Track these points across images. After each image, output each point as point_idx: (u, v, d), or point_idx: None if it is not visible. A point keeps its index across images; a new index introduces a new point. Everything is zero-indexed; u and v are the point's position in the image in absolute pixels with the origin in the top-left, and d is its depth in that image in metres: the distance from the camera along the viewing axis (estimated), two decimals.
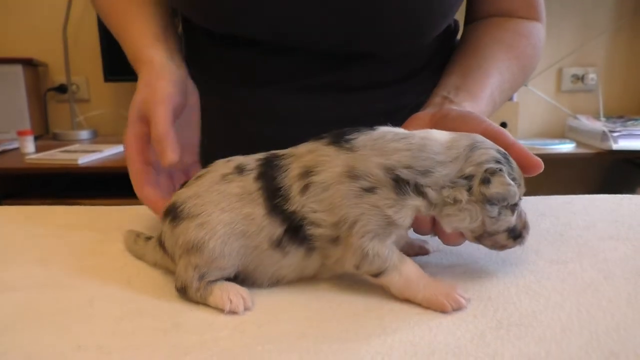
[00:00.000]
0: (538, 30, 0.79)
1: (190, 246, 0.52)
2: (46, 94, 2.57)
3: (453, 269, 0.58)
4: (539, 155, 0.56)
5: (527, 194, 0.93)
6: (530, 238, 0.66)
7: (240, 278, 0.54)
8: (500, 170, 0.50)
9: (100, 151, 2.06)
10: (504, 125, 2.19)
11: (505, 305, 0.49)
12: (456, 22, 0.86)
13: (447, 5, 0.71)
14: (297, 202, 0.50)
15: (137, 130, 0.67)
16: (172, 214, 0.54)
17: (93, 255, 0.65)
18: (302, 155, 0.52)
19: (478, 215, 0.50)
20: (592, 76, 2.53)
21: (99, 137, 2.55)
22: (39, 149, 2.17)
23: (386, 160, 0.50)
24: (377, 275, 0.51)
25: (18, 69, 2.38)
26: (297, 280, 0.56)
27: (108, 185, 1.99)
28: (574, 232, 0.69)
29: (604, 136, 2.19)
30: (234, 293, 0.51)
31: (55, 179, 2.18)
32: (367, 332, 0.45)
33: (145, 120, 0.66)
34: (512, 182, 0.50)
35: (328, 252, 0.52)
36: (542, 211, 0.78)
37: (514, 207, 0.52)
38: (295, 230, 0.51)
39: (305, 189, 0.50)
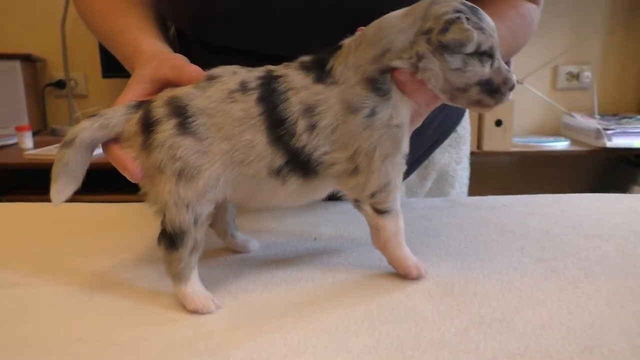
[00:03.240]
0: (531, 8, 0.80)
1: (186, 172, 0.50)
2: (44, 90, 2.58)
3: (439, 265, 0.60)
4: (534, 153, 0.56)
5: (519, 191, 0.95)
6: (517, 236, 0.69)
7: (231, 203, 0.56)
8: (459, 18, 0.49)
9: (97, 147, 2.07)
10: (499, 122, 2.21)
11: (489, 302, 0.51)
12: None
13: None
14: (305, 141, 0.52)
15: (147, 88, 0.59)
16: (182, 116, 0.51)
17: (92, 251, 0.67)
18: (298, 89, 0.52)
19: (438, 71, 0.50)
20: (587, 74, 2.55)
21: None
22: (37, 145, 2.19)
23: (360, 72, 0.52)
24: (382, 211, 0.54)
25: (16, 64, 2.38)
26: (288, 274, 0.58)
27: (105, 181, 2.00)
28: (559, 231, 0.71)
29: (598, 134, 2.21)
30: (203, 296, 0.52)
31: None
32: (355, 326, 0.47)
33: (159, 86, 0.59)
34: (471, 28, 0.49)
35: (346, 182, 0.54)
36: (530, 209, 0.80)
37: (482, 56, 0.50)
38: (299, 165, 0.52)
39: (312, 128, 0.52)
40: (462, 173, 0.96)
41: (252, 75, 0.54)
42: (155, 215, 0.53)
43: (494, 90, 0.52)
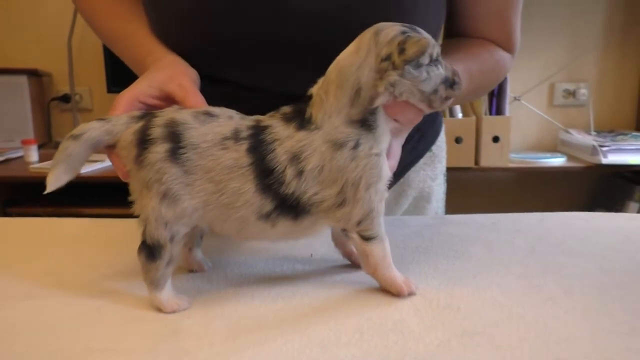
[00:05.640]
0: (505, 56, 0.83)
1: (169, 195, 0.55)
2: (49, 104, 2.63)
3: (428, 282, 0.63)
4: (531, 169, 0.61)
5: (516, 207, 0.98)
6: (503, 253, 0.72)
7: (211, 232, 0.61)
8: (409, 36, 0.55)
9: (102, 161, 2.11)
10: (496, 139, 2.25)
11: (472, 315, 0.55)
12: None
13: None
14: (294, 187, 0.55)
15: (152, 92, 0.63)
16: (175, 144, 0.55)
17: (99, 265, 0.71)
18: (283, 140, 0.56)
19: (413, 88, 0.55)
20: (583, 91, 2.59)
21: None
22: (42, 158, 2.23)
23: (344, 116, 0.56)
24: (368, 238, 0.58)
25: (23, 79, 2.43)
26: (285, 289, 0.61)
27: (110, 194, 2.04)
28: (544, 248, 0.74)
29: (594, 150, 2.25)
30: (176, 298, 0.58)
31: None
32: (346, 338, 0.51)
33: (164, 96, 0.63)
34: (422, 37, 0.55)
35: (333, 214, 0.57)
36: (517, 227, 0.83)
37: (436, 61, 0.56)
38: (289, 208, 0.57)
39: (299, 174, 0.56)
40: (437, 189, 0.99)
41: (244, 123, 0.57)
42: (138, 223, 0.58)
43: (453, 82, 0.58)
